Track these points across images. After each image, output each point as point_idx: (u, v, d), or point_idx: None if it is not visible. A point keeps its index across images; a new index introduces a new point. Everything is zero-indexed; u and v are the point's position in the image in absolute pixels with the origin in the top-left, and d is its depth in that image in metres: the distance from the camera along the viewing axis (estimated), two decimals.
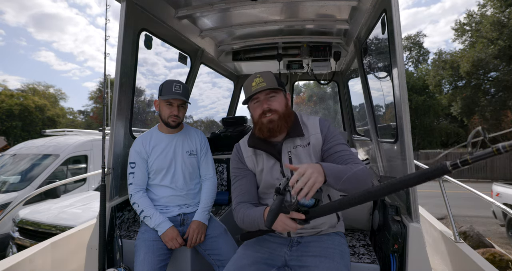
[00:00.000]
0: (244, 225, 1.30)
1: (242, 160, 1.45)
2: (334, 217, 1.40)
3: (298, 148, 1.35)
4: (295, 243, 1.38)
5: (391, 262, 1.37)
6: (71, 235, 2.16)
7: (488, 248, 4.65)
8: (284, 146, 1.36)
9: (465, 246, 1.79)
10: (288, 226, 1.06)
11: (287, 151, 1.35)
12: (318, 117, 1.42)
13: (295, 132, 1.35)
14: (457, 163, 0.69)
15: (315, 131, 1.36)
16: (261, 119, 1.33)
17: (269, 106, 1.32)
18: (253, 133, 1.43)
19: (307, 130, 1.37)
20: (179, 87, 1.75)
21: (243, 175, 1.43)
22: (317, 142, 1.35)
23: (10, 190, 4.52)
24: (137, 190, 1.75)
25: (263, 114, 1.32)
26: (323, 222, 1.36)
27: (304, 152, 1.34)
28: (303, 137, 1.35)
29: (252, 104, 1.37)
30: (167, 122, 1.79)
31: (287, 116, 1.34)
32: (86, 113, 33.86)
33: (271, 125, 1.31)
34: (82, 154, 5.50)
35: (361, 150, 3.08)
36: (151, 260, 1.52)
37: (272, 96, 1.34)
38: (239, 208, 1.35)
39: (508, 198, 5.85)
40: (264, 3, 2.19)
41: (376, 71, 2.32)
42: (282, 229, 1.09)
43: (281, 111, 1.32)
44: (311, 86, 23.51)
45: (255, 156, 1.42)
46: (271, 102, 1.33)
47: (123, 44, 1.85)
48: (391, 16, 1.46)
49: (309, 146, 1.35)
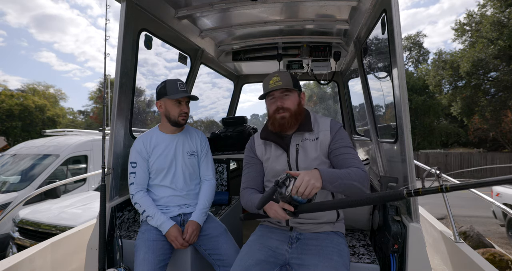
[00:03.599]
0: (247, 207, 1.47)
1: (253, 149, 1.60)
2: (334, 213, 1.47)
3: (306, 141, 1.46)
4: (294, 239, 1.44)
5: (391, 262, 1.37)
6: (71, 235, 2.16)
7: (488, 248, 4.65)
8: (293, 139, 1.48)
9: (465, 246, 1.79)
10: (279, 214, 1.22)
11: (296, 144, 1.47)
12: (330, 118, 1.53)
13: (304, 127, 1.48)
14: (411, 192, 0.86)
15: (325, 128, 1.47)
16: (274, 115, 1.46)
17: (282, 104, 1.45)
18: (266, 126, 1.57)
19: (317, 127, 1.49)
20: (183, 86, 1.78)
21: (252, 163, 1.59)
22: (325, 138, 1.45)
23: (10, 190, 4.52)
24: (139, 189, 1.75)
25: (277, 110, 1.45)
26: (323, 215, 1.44)
27: (311, 145, 1.45)
28: (312, 132, 1.47)
29: (268, 100, 1.52)
30: (177, 121, 1.79)
31: (298, 114, 1.47)
32: (86, 113, 33.86)
33: (283, 121, 1.44)
34: (82, 154, 5.49)
35: (361, 150, 3.08)
36: (151, 260, 1.52)
37: (286, 95, 1.46)
38: (245, 192, 1.51)
39: (508, 198, 5.85)
40: (264, 3, 2.19)
41: (376, 71, 2.31)
42: (273, 215, 1.25)
43: (293, 110, 1.45)
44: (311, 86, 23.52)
45: (265, 145, 1.56)
46: (284, 100, 1.45)
47: (123, 44, 1.85)
48: (391, 16, 1.46)
49: (317, 141, 1.45)
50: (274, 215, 1.24)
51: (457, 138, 24.99)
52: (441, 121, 25.50)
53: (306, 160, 1.43)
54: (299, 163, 1.44)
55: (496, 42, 15.83)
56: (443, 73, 19.36)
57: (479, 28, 17.14)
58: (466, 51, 17.96)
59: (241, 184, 1.58)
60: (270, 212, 1.26)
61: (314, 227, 1.46)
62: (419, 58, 27.73)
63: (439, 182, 1.12)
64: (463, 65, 17.10)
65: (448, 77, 19.10)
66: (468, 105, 18.65)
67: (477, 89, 18.09)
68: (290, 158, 1.46)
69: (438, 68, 19.94)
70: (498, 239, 6.29)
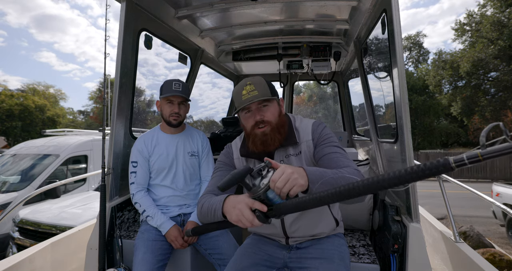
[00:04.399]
0: (201, 214, 1.17)
1: (231, 160, 1.39)
2: (332, 222, 1.35)
3: (291, 157, 1.28)
4: (294, 248, 1.36)
5: (391, 262, 1.37)
6: (71, 235, 2.16)
7: (488, 248, 4.65)
8: (276, 155, 1.30)
9: (465, 246, 1.79)
10: (245, 216, 0.92)
11: (280, 160, 1.29)
12: (312, 121, 1.33)
13: (288, 141, 1.27)
14: (463, 159, 0.59)
15: (307, 137, 1.28)
16: (254, 131, 1.24)
17: (262, 118, 1.23)
18: (244, 142, 1.35)
19: (299, 136, 1.30)
20: (178, 85, 1.76)
21: (224, 168, 1.37)
22: (309, 149, 1.27)
23: (10, 190, 4.52)
24: (139, 189, 1.75)
25: (256, 125, 1.23)
26: (322, 231, 1.32)
27: (296, 161, 1.28)
28: (296, 145, 1.29)
29: (243, 114, 1.27)
30: (168, 121, 1.79)
31: (281, 126, 1.26)
32: (86, 113, 33.87)
33: (265, 138, 1.22)
34: (82, 154, 5.49)
35: (361, 150, 3.08)
36: (149, 260, 1.52)
37: (265, 106, 1.24)
38: (205, 195, 1.24)
39: (508, 198, 5.85)
40: (264, 3, 2.19)
41: (376, 71, 2.31)
42: (236, 218, 0.95)
43: (274, 123, 1.24)
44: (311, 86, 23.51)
45: (247, 162, 1.37)
46: (263, 112, 1.24)
47: (123, 44, 1.85)
48: (391, 16, 1.46)
49: (301, 155, 1.28)
50: (237, 218, 0.94)
51: (457, 138, 25.00)
52: (441, 121, 25.52)
53: None
54: None
55: (496, 42, 15.83)
56: (443, 73, 19.36)
57: (479, 28, 17.14)
58: (466, 51, 17.96)
59: (204, 189, 1.33)
60: (232, 213, 0.97)
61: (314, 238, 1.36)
62: (419, 58, 27.75)
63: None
64: (463, 65, 17.10)
65: (448, 77, 19.09)
66: (468, 105, 18.64)
67: (477, 89, 18.08)
68: None
69: (438, 68, 19.94)
70: (498, 239, 6.30)
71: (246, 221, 0.92)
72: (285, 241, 1.36)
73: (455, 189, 3.51)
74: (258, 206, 0.91)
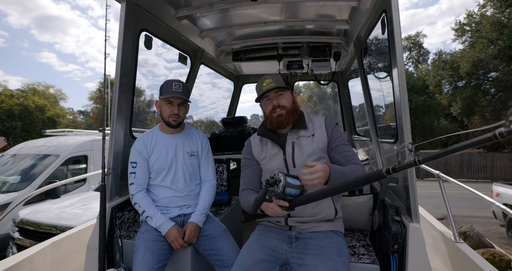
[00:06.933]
0: (245, 208, 1.51)
1: (250, 151, 1.65)
2: (332, 209, 1.49)
3: (302, 138, 1.52)
4: (294, 239, 1.46)
5: (391, 262, 1.37)
6: (71, 235, 2.16)
7: (488, 248, 4.65)
8: (288, 137, 1.54)
9: (465, 246, 1.79)
10: (276, 211, 1.27)
11: (291, 141, 1.52)
12: (324, 116, 1.59)
13: (299, 125, 1.54)
14: (389, 170, 0.90)
15: (320, 125, 1.54)
16: (271, 114, 1.52)
17: (278, 103, 1.51)
18: (263, 124, 1.63)
19: (312, 125, 1.55)
20: (178, 86, 1.75)
21: (249, 164, 1.64)
22: (322, 135, 1.51)
23: (10, 190, 4.52)
24: (139, 190, 1.75)
25: (273, 110, 1.51)
26: (319, 212, 1.46)
27: (307, 142, 1.50)
28: (307, 129, 1.53)
29: (263, 101, 1.58)
30: (167, 121, 1.79)
31: (294, 111, 1.53)
32: (86, 113, 33.85)
33: (280, 118, 1.50)
34: (82, 154, 5.49)
35: (361, 150, 3.08)
36: (149, 260, 1.52)
37: (281, 94, 1.53)
38: (243, 194, 1.56)
39: (508, 198, 5.85)
40: (264, 3, 2.19)
41: (376, 71, 2.32)
42: (271, 213, 1.30)
43: (288, 107, 1.51)
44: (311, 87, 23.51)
45: (261, 145, 1.61)
46: (280, 99, 1.52)
47: (123, 44, 1.85)
48: (391, 17, 1.46)
49: (313, 137, 1.51)
50: (273, 213, 1.30)
51: (457, 138, 24.98)
52: (441, 121, 25.50)
53: (302, 156, 1.47)
54: (295, 160, 1.48)
55: (496, 42, 15.82)
56: (443, 74, 19.34)
57: (479, 28, 17.13)
58: (466, 51, 17.94)
59: (240, 185, 1.63)
60: (268, 210, 1.31)
61: (313, 225, 1.47)
62: (419, 58, 27.72)
63: (412, 156, 1.12)
64: (463, 65, 17.08)
65: (448, 77, 19.08)
66: (468, 106, 18.62)
67: (477, 90, 18.06)
68: (286, 156, 1.50)
69: (438, 69, 19.92)
70: (498, 239, 6.30)
71: (279, 213, 1.28)
72: (284, 221, 1.51)
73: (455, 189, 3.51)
74: (282, 203, 1.24)
